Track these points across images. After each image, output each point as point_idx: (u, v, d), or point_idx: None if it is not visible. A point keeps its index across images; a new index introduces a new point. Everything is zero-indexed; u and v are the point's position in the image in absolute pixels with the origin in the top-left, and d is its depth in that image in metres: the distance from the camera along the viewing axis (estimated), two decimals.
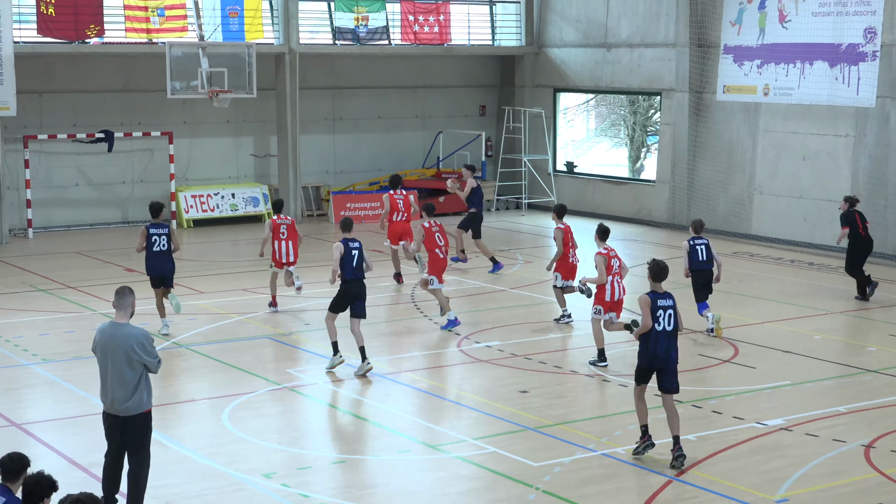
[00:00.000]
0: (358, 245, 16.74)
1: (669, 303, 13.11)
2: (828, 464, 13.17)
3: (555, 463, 13.06)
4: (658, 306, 13.06)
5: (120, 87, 30.41)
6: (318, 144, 33.14)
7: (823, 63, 27.42)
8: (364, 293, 16.82)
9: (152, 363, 11.15)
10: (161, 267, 18.69)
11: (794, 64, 28.01)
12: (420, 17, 32.99)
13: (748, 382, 16.43)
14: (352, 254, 16.63)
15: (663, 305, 13.08)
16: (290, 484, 12.39)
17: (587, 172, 35.24)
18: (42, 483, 8.85)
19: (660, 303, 13.08)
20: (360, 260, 16.68)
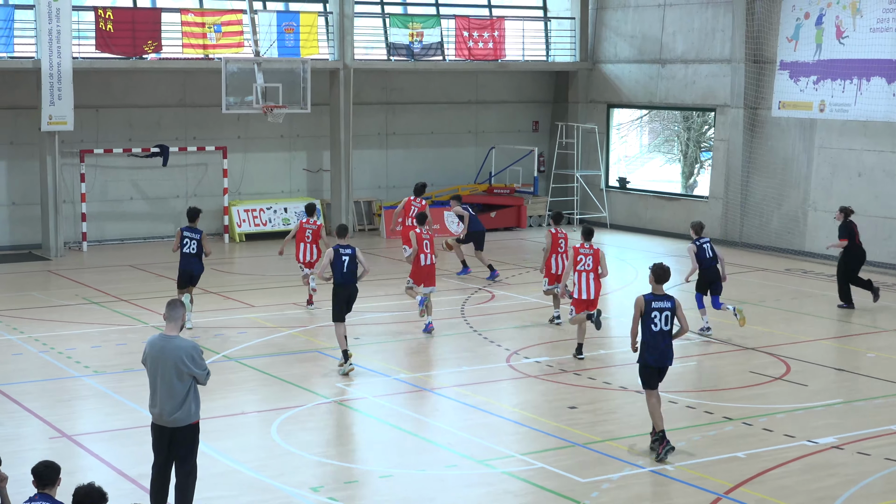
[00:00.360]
0: (350, 251, 17.40)
1: (667, 305, 13.52)
2: (879, 483, 13.02)
3: (602, 479, 13.00)
4: (653, 308, 13.46)
5: (176, 102, 30.68)
6: (370, 159, 33.26)
7: (881, 79, 27.16)
8: (354, 296, 17.65)
9: (201, 375, 11.22)
10: (189, 267, 19.98)
11: (851, 80, 27.76)
12: (474, 33, 33.02)
13: (800, 400, 16.28)
14: (342, 259, 17.34)
15: (658, 307, 13.49)
16: (337, 498, 12.41)
17: (640, 188, 35.10)
18: (93, 494, 8.91)
19: (654, 304, 13.49)
20: (350, 265, 17.38)
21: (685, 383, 17.14)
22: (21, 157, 28.78)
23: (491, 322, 21.11)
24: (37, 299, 22.88)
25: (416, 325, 20.81)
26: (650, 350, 13.65)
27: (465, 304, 22.52)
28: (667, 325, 13.49)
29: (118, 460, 13.52)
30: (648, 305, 13.51)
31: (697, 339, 19.99)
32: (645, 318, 13.58)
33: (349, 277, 17.42)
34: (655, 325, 13.52)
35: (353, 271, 17.43)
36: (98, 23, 28.04)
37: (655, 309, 13.52)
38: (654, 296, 13.59)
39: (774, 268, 26.60)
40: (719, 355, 18.92)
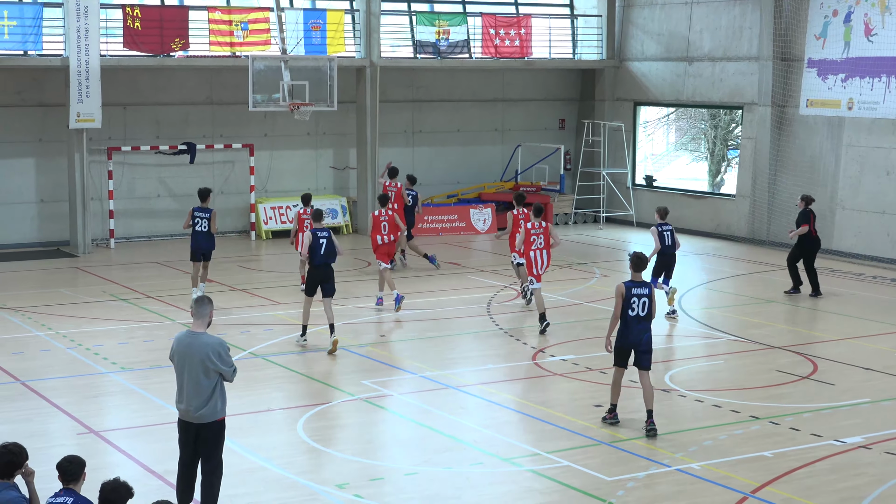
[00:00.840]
0: (326, 234, 18.62)
1: (645, 291, 14.46)
2: None
3: (629, 478, 12.97)
4: (633, 294, 14.40)
5: (203, 99, 30.78)
6: (397, 157, 33.21)
7: None
8: (331, 276, 18.74)
9: (228, 372, 11.26)
10: (201, 244, 21.92)
11: (880, 78, 27.62)
12: (501, 31, 33.00)
13: (827, 399, 16.21)
14: (319, 242, 18.50)
15: (638, 293, 14.43)
16: (362, 495, 12.42)
17: (666, 186, 35.02)
18: (120, 490, 8.94)
19: (634, 291, 14.43)
20: (328, 248, 18.52)
21: (711, 382, 17.10)
22: (49, 154, 28.93)
23: (517, 320, 21.11)
24: (64, 296, 23.01)
25: (443, 322, 20.85)
26: (627, 333, 14.53)
27: (490, 302, 22.51)
28: (644, 311, 14.46)
29: (145, 456, 13.58)
30: (629, 292, 14.40)
31: (724, 337, 19.93)
32: (625, 303, 14.41)
33: (326, 258, 18.61)
34: (633, 309, 14.42)
35: (330, 253, 18.60)
36: (126, 20, 28.16)
37: (635, 295, 14.42)
38: (634, 283, 14.48)
39: (801, 266, 26.42)
40: (746, 354, 18.86)
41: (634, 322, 14.50)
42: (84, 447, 13.81)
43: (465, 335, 20.20)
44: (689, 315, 21.79)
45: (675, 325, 20.86)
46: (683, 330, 20.63)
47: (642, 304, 14.45)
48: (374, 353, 18.64)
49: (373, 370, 17.72)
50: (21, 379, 16.85)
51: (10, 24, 27.14)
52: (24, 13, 27.29)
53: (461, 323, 20.96)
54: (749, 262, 27.78)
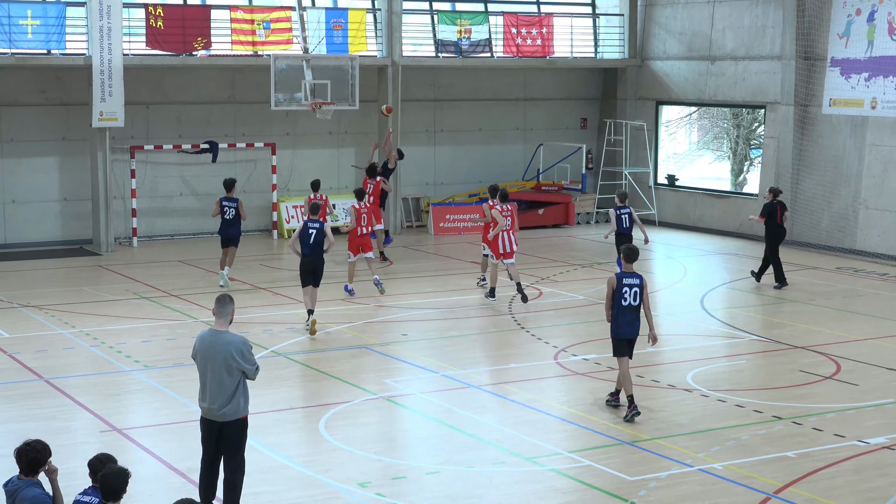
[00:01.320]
0: (318, 226, 19.63)
1: (636, 282, 15.06)
2: None
3: (651, 478, 12.94)
4: (624, 284, 15.02)
5: (225, 98, 30.85)
6: (418, 156, 33.28)
7: None
8: (320, 266, 19.85)
9: (250, 370, 11.28)
10: (230, 231, 23.51)
11: None
12: (523, 30, 32.97)
13: (850, 400, 16.14)
14: (308, 232, 19.62)
15: (629, 283, 15.04)
16: (384, 493, 12.43)
17: (689, 186, 34.93)
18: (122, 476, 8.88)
19: (625, 281, 15.05)
20: (317, 238, 19.61)
21: (734, 382, 17.05)
22: (72, 153, 29.04)
23: (538, 319, 21.09)
24: (87, 294, 23.09)
25: (464, 321, 20.87)
26: (620, 322, 15.15)
27: (512, 301, 22.49)
28: (635, 301, 15.06)
29: (168, 454, 13.61)
30: (620, 282, 15.03)
31: (747, 337, 19.88)
32: (616, 293, 15.04)
33: (315, 249, 19.66)
34: (625, 299, 15.03)
35: (319, 243, 19.65)
36: (148, 20, 28.24)
37: (626, 285, 15.02)
38: (625, 274, 15.09)
39: (825, 266, 26.40)
40: (769, 354, 18.80)
41: (629, 311, 15.10)
42: (107, 445, 13.86)
43: (486, 334, 20.20)
44: (711, 315, 21.73)
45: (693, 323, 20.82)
46: (706, 329, 20.58)
47: (633, 294, 15.04)
48: (396, 352, 18.65)
49: (394, 369, 17.74)
50: (45, 377, 16.92)
51: (34, 24, 27.25)
52: (48, 12, 27.39)
53: (483, 322, 20.95)
54: None
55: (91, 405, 15.55)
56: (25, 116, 28.63)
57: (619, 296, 15.04)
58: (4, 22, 26.75)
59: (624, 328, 15.19)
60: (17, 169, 28.66)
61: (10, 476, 9.17)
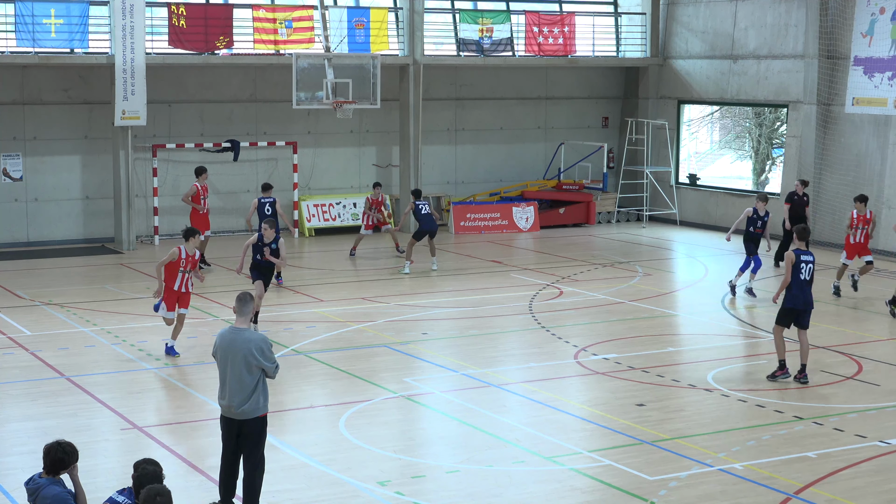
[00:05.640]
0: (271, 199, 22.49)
1: (810, 258, 16.56)
2: None
3: (671, 477, 12.92)
4: (801, 261, 16.44)
5: (247, 97, 30.91)
6: (439, 155, 33.30)
7: None
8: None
9: (270, 368, 11.30)
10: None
11: None
12: (545, 29, 32.94)
13: (871, 400, 16.08)
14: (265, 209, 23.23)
15: (805, 260, 16.49)
16: (404, 492, 12.44)
17: (710, 185, 34.84)
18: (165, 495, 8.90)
19: (802, 258, 16.49)
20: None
21: (755, 382, 17.00)
22: (95, 151, 29.16)
23: (559, 318, 21.07)
24: (109, 292, 23.17)
25: (484, 320, 20.87)
26: (798, 294, 16.54)
27: (532, 301, 22.48)
28: (809, 276, 16.52)
29: (188, 452, 13.65)
30: (798, 259, 16.44)
31: (768, 337, 19.79)
32: (794, 268, 16.42)
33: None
34: (802, 274, 16.45)
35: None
36: (171, 18, 28.33)
37: (803, 262, 16.46)
38: (801, 251, 16.56)
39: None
40: (790, 354, 18.68)
41: (804, 285, 16.51)
42: (127, 442, 13.95)
43: (507, 333, 20.19)
44: (732, 314, 21.67)
45: (716, 324, 20.76)
46: (726, 329, 20.52)
47: (808, 270, 16.47)
48: (416, 351, 18.65)
49: (414, 367, 17.75)
50: (66, 374, 16.99)
51: (57, 23, 27.36)
52: (71, 11, 27.49)
53: (503, 321, 20.94)
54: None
55: (112, 403, 15.60)
56: (48, 115, 28.75)
57: (797, 270, 16.39)
58: (28, 21, 26.87)
59: (799, 299, 16.52)
60: (39, 167, 28.80)
61: (32, 474, 9.21)
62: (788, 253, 16.59)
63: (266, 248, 19.44)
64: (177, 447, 13.84)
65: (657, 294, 23.46)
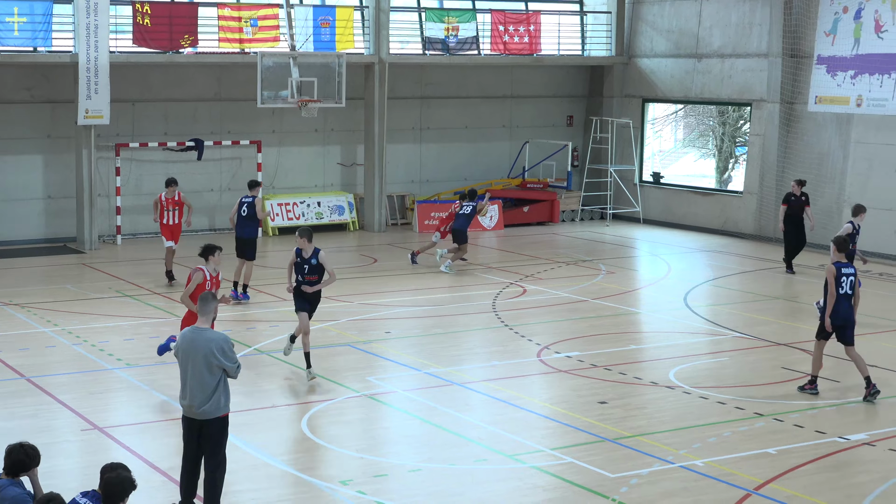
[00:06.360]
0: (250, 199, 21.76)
1: (851, 271, 15.98)
2: None
3: (632, 474, 12.97)
4: (842, 273, 15.88)
5: (211, 96, 30.81)
6: (404, 154, 33.29)
7: None
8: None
9: (231, 368, 11.28)
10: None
11: (889, 75, 27.58)
12: (510, 28, 32.99)
13: (831, 396, 16.20)
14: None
15: (846, 273, 15.91)
16: (366, 491, 12.43)
17: (674, 183, 34.99)
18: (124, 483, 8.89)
19: (843, 271, 15.91)
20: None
21: (716, 379, 17.09)
22: (57, 150, 28.99)
23: (522, 317, 21.11)
24: (71, 292, 23.05)
25: (448, 319, 20.88)
26: (838, 309, 15.87)
27: (496, 299, 22.51)
28: (850, 289, 15.94)
29: (149, 453, 13.59)
30: (839, 272, 15.87)
31: (730, 334, 19.92)
32: (836, 283, 15.85)
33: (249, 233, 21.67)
34: (842, 288, 15.86)
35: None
36: (135, 17, 28.20)
37: (844, 275, 15.90)
38: (841, 263, 15.97)
39: (808, 263, 26.43)
40: (751, 351, 18.84)
41: (844, 300, 15.91)
42: (88, 443, 13.89)
43: (470, 331, 20.21)
44: (694, 312, 21.77)
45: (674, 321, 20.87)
46: (689, 327, 20.62)
47: (849, 283, 15.90)
48: (379, 350, 18.65)
49: (377, 366, 17.75)
50: (26, 375, 16.88)
51: (20, 21, 27.19)
52: (34, 10, 27.31)
53: (466, 319, 20.96)
54: (756, 259, 27.75)
55: (73, 403, 15.52)
56: (11, 114, 28.56)
57: (838, 284, 15.84)
58: None
59: (836, 314, 15.86)
60: (1, 166, 28.61)
61: None
62: (829, 266, 15.98)
63: (306, 266, 16.75)
64: (138, 448, 13.77)
65: (620, 292, 23.54)
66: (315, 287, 16.71)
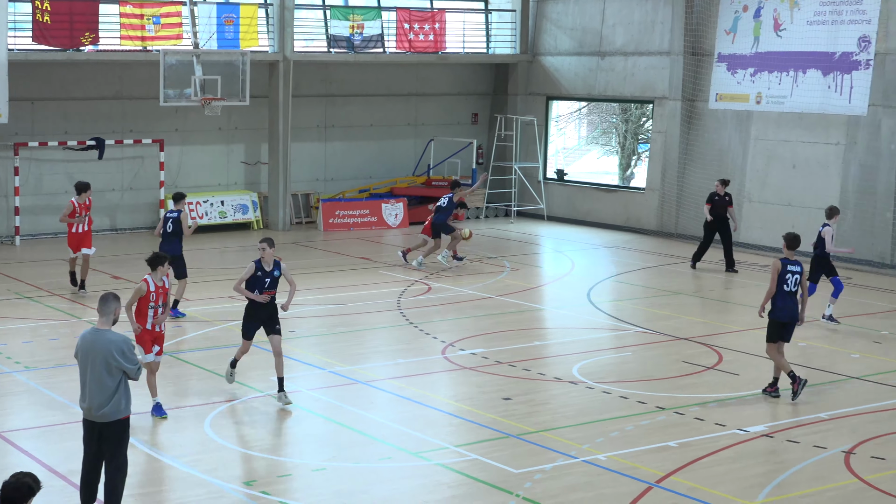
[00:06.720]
0: (175, 215, 20.39)
1: (797, 269, 15.85)
2: (808, 470, 13.19)
3: (536, 470, 13.05)
4: (787, 271, 15.77)
5: (113, 94, 30.42)
6: (309, 152, 33.16)
7: (816, 71, 27.47)
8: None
9: (131, 370, 11.13)
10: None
11: (788, 72, 28.04)
12: (415, 25, 33.02)
13: (731, 389, 16.45)
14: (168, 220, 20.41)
15: (792, 270, 15.79)
16: (270, 492, 12.37)
17: (577, 180, 35.25)
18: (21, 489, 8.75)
19: (789, 268, 15.79)
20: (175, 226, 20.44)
21: (619, 374, 17.27)
22: None
23: (427, 314, 21.14)
24: None
25: (352, 317, 20.85)
26: (780, 306, 15.82)
27: (401, 297, 22.53)
28: (795, 287, 15.81)
29: (49, 457, 13.38)
30: (784, 269, 15.79)
31: (632, 329, 20.14)
32: (780, 278, 15.77)
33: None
34: (787, 285, 15.73)
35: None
36: (35, 14, 27.73)
37: (789, 272, 15.76)
38: (787, 260, 15.83)
39: (709, 258, 26.76)
40: (653, 346, 19.06)
41: (789, 297, 15.82)
42: None
43: (375, 330, 20.20)
44: (597, 308, 21.97)
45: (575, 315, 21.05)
46: (592, 322, 20.80)
47: (794, 281, 15.77)
48: (284, 349, 18.49)
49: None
50: None
51: None
52: None
53: (371, 318, 20.95)
54: (658, 255, 28.08)
55: None
56: None
57: (782, 281, 15.73)
58: None
59: (783, 312, 15.81)
60: None
61: None
62: (774, 262, 15.93)
63: (268, 280, 15.38)
64: (37, 452, 13.56)
65: (524, 289, 23.68)
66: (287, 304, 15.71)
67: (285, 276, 15.57)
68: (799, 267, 15.89)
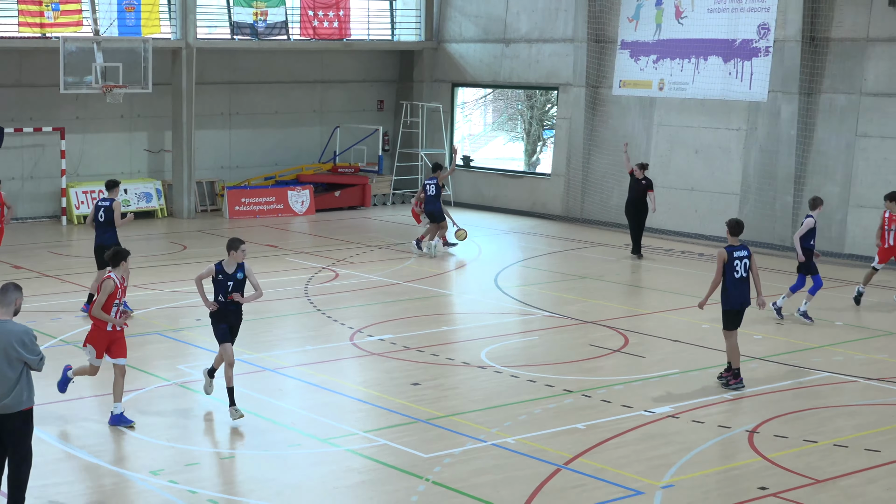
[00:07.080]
0: (107, 203, 19.43)
1: (744, 254, 15.57)
2: (713, 449, 13.40)
3: (445, 454, 13.09)
4: (734, 257, 15.49)
5: (11, 82, 29.89)
6: (213, 139, 32.88)
7: (718, 58, 27.82)
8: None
9: (34, 361, 10.93)
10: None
11: (689, 59, 28.37)
12: (319, 12, 32.86)
13: (637, 371, 16.63)
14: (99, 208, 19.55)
15: (739, 256, 15.52)
16: (177, 480, 12.27)
17: (483, 166, 35.38)
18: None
19: (736, 255, 15.52)
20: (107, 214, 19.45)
21: (527, 358, 17.37)
22: None
23: (335, 301, 21.09)
24: None
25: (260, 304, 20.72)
26: (732, 294, 15.57)
27: (308, 284, 22.44)
28: (746, 272, 15.59)
29: None
30: (731, 256, 15.49)
31: (539, 314, 20.26)
32: (728, 266, 15.49)
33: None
34: (737, 272, 15.49)
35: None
36: None
37: (737, 258, 15.49)
38: (733, 247, 15.55)
39: (615, 243, 27.06)
40: (560, 329, 19.20)
41: (739, 283, 15.55)
42: None
43: (283, 317, 20.10)
44: (505, 293, 22.07)
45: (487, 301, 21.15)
46: (500, 307, 20.90)
47: (743, 266, 15.53)
48: (190, 338, 18.41)
49: (188, 354, 17.53)
50: None
51: None
52: None
53: (279, 305, 20.84)
54: (564, 240, 28.29)
55: None
56: None
57: (731, 269, 15.49)
58: None
59: (736, 299, 15.58)
60: None
61: None
62: (720, 251, 15.54)
63: (230, 283, 14.59)
64: None
65: (432, 274, 23.73)
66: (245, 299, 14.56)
67: (250, 279, 14.66)
68: (745, 251, 15.63)
